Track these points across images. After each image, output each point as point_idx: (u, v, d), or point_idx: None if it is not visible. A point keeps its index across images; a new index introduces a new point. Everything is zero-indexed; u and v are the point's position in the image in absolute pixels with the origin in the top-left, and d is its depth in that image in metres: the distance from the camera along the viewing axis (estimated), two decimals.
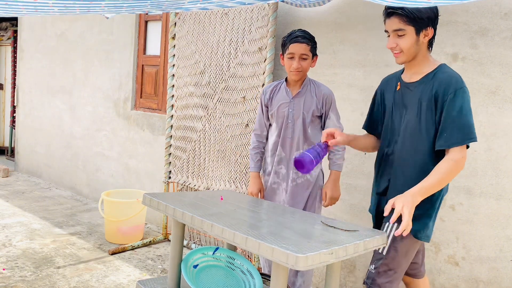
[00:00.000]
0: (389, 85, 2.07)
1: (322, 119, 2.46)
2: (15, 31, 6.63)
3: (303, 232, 1.66)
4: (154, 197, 1.98)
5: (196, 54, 3.54)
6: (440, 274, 2.54)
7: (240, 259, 2.01)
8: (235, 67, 3.25)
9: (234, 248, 2.15)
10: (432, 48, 1.93)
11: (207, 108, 3.47)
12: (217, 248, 2.05)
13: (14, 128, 6.73)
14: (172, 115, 3.75)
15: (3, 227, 3.88)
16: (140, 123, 4.40)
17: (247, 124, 3.18)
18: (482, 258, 2.41)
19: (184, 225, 1.98)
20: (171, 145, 3.77)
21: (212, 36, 3.42)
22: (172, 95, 3.74)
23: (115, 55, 4.66)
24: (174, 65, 3.72)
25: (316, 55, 2.43)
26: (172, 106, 3.75)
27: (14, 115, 6.66)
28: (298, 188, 2.44)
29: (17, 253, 3.35)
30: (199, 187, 3.55)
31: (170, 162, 3.78)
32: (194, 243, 3.63)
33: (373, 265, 1.92)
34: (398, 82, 2.00)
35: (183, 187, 3.71)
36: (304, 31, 2.38)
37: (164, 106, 4.21)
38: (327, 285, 1.68)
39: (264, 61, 3.07)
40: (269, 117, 2.52)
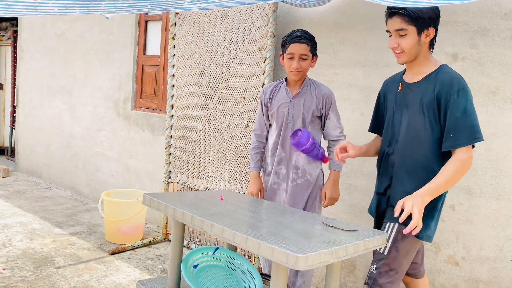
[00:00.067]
0: (391, 86, 2.08)
1: (322, 119, 2.46)
2: (15, 31, 6.63)
3: (303, 232, 1.66)
4: (154, 197, 1.98)
5: (196, 54, 3.54)
6: (440, 274, 2.54)
7: (240, 259, 2.01)
8: (235, 67, 3.25)
9: (234, 248, 2.15)
10: (433, 49, 1.93)
11: (207, 108, 3.47)
12: (217, 248, 2.05)
13: (14, 128, 6.73)
14: (172, 115, 3.75)
15: (3, 227, 3.88)
16: (140, 123, 4.40)
17: (247, 124, 3.18)
18: (482, 258, 2.41)
19: (184, 225, 1.98)
20: (171, 145, 3.77)
21: (212, 36, 3.42)
22: (172, 95, 3.74)
23: (115, 55, 4.66)
24: (174, 65, 3.72)
25: (316, 55, 2.42)
26: (172, 106, 3.74)
27: (14, 115, 6.66)
28: (298, 188, 2.44)
29: (17, 253, 3.35)
30: (199, 187, 3.55)
31: (170, 162, 3.78)
32: (194, 243, 3.63)
33: (374, 265, 1.92)
34: (400, 82, 2.00)
35: (183, 187, 3.71)
36: (304, 31, 2.37)
37: (164, 106, 4.21)
38: (327, 285, 1.68)
39: (264, 61, 3.07)
40: (269, 117, 2.53)
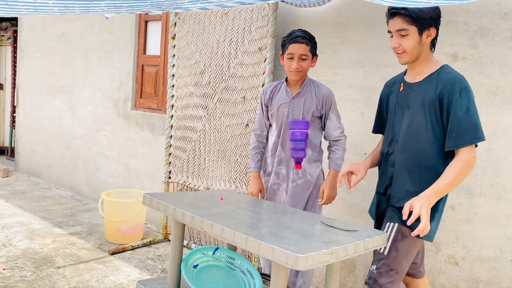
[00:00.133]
0: (392, 87, 2.08)
1: (322, 119, 2.46)
2: (15, 31, 6.63)
3: (303, 232, 1.66)
4: (154, 197, 1.98)
5: (196, 54, 3.54)
6: (440, 274, 2.54)
7: (240, 259, 2.01)
8: (235, 67, 3.25)
9: (234, 248, 2.15)
10: (434, 49, 1.94)
11: (207, 108, 3.47)
12: (217, 248, 2.05)
13: (14, 128, 6.73)
14: (172, 115, 3.75)
15: (3, 227, 3.88)
16: (140, 123, 4.40)
17: (247, 124, 3.18)
18: (482, 258, 2.41)
19: (184, 225, 1.98)
20: (171, 145, 3.77)
21: (212, 36, 3.42)
22: (172, 95, 3.74)
23: (115, 55, 4.66)
24: (174, 65, 3.72)
25: (316, 55, 2.42)
26: (172, 106, 3.74)
27: (14, 115, 6.66)
28: (298, 188, 2.44)
29: (17, 253, 3.35)
30: (199, 187, 3.55)
31: (170, 162, 3.78)
32: (194, 243, 3.63)
33: (374, 265, 1.92)
34: (401, 83, 2.01)
35: (183, 187, 3.71)
36: (304, 31, 2.37)
37: (164, 106, 4.20)
38: (327, 285, 1.68)
39: (264, 61, 3.07)
40: (269, 117, 2.52)
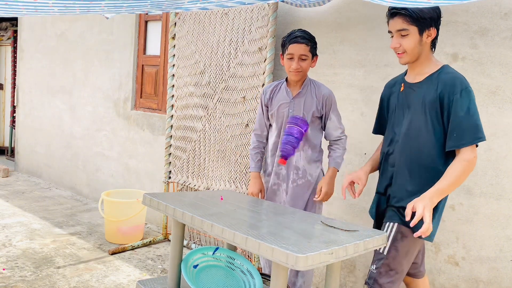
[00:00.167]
0: (393, 87, 2.08)
1: (322, 120, 2.45)
2: (15, 31, 6.63)
3: (303, 232, 1.66)
4: (154, 197, 1.98)
5: (196, 54, 3.54)
6: (440, 274, 2.54)
7: (240, 259, 2.01)
8: (235, 67, 3.25)
9: (234, 248, 2.15)
10: (435, 49, 1.94)
11: (207, 108, 3.47)
12: (217, 248, 2.05)
13: (14, 128, 6.73)
14: (172, 115, 3.75)
15: (3, 227, 3.88)
16: (140, 123, 4.40)
17: (247, 124, 3.18)
18: (482, 258, 2.41)
19: (184, 225, 1.98)
20: (171, 145, 3.77)
21: (212, 36, 3.42)
22: (172, 95, 3.74)
23: (115, 55, 4.66)
24: (174, 65, 3.72)
25: (316, 55, 2.41)
26: (172, 106, 3.74)
27: (14, 115, 6.66)
28: (298, 189, 2.44)
29: (17, 253, 3.35)
30: (199, 187, 3.55)
31: (170, 162, 3.78)
32: (194, 243, 3.63)
33: (374, 265, 1.92)
34: (402, 83, 2.01)
35: (183, 187, 3.71)
36: (303, 31, 2.36)
37: (164, 106, 4.20)
38: (327, 285, 1.68)
39: (264, 61, 3.07)
40: (269, 117, 2.52)
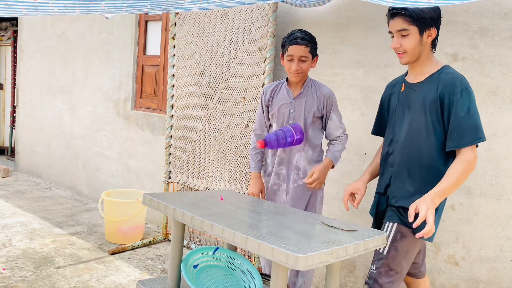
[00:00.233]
0: (394, 88, 2.08)
1: (323, 120, 2.45)
2: (15, 31, 6.62)
3: (303, 232, 1.66)
4: (154, 197, 1.98)
5: (196, 54, 3.54)
6: (440, 274, 2.54)
7: (240, 259, 2.01)
8: (235, 67, 3.25)
9: (234, 248, 2.15)
10: (435, 49, 1.94)
11: (207, 108, 3.46)
12: (217, 248, 2.05)
13: (14, 128, 6.73)
14: (172, 115, 3.75)
15: (3, 227, 3.88)
16: (140, 123, 4.40)
17: (247, 124, 3.18)
18: (482, 258, 2.41)
19: (184, 225, 1.98)
20: (171, 145, 3.77)
21: (212, 36, 3.42)
22: (172, 95, 3.74)
23: (115, 55, 4.66)
24: (174, 65, 3.72)
25: (317, 55, 2.40)
26: (172, 106, 3.74)
27: (14, 115, 6.66)
28: (299, 189, 2.43)
29: (17, 253, 3.35)
30: (199, 187, 3.55)
31: (170, 162, 3.78)
32: (194, 243, 3.63)
33: (374, 265, 1.92)
34: (403, 83, 2.01)
35: (183, 187, 3.71)
36: (303, 31, 2.35)
37: (164, 106, 4.20)
38: (327, 285, 1.68)
39: (264, 61, 3.07)
40: (269, 117, 2.52)
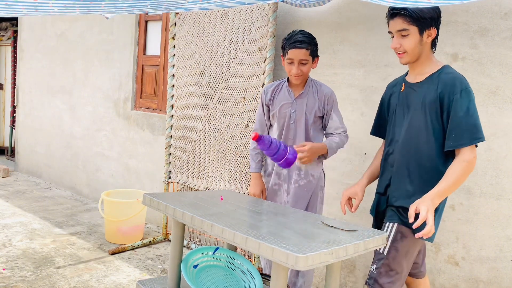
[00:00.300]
0: (394, 88, 2.09)
1: (323, 119, 2.45)
2: (15, 31, 6.62)
3: (303, 232, 1.66)
4: (154, 197, 1.98)
5: (196, 54, 3.54)
6: (440, 274, 2.54)
7: (240, 259, 2.01)
8: (235, 67, 3.25)
9: (234, 248, 2.15)
10: (435, 49, 1.94)
11: (207, 108, 3.46)
12: (217, 248, 2.05)
13: (14, 128, 6.73)
14: (172, 115, 3.75)
15: (3, 227, 3.88)
16: (140, 123, 4.40)
17: (247, 124, 3.18)
18: (482, 258, 2.41)
19: (184, 225, 1.98)
20: (171, 145, 3.77)
21: (212, 36, 3.42)
22: (172, 95, 3.74)
23: (115, 55, 4.66)
24: (174, 65, 3.72)
25: (317, 56, 2.37)
26: (172, 106, 3.74)
27: (14, 115, 6.66)
28: (300, 189, 2.43)
29: (17, 253, 3.35)
30: (199, 187, 3.55)
31: (170, 162, 3.78)
32: (194, 243, 3.63)
33: (374, 265, 1.92)
34: (403, 83, 2.01)
35: (183, 187, 3.71)
36: (303, 34, 2.31)
37: (164, 106, 4.20)
38: (327, 285, 1.68)
39: (264, 61, 3.07)
40: (270, 117, 2.51)
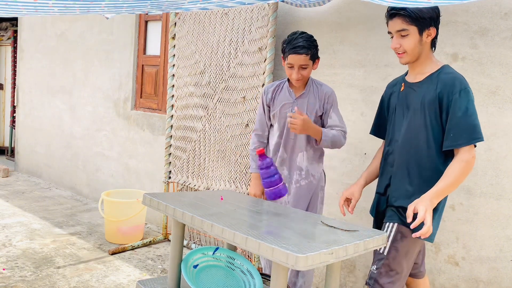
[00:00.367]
0: (394, 87, 2.09)
1: (323, 118, 2.44)
2: (15, 31, 6.62)
3: (303, 232, 1.66)
4: (154, 197, 1.98)
5: (196, 54, 3.54)
6: (440, 274, 2.54)
7: (240, 259, 2.01)
8: (235, 67, 3.25)
9: (234, 248, 2.15)
10: (435, 49, 1.94)
11: (207, 108, 3.47)
12: (217, 248, 2.05)
13: (14, 128, 6.73)
14: (172, 115, 3.75)
15: (3, 227, 3.88)
16: (140, 123, 4.40)
17: (247, 124, 3.18)
18: (482, 258, 2.41)
19: (184, 225, 1.98)
20: (171, 145, 3.77)
21: (212, 36, 3.42)
22: (172, 95, 3.74)
23: (115, 55, 4.66)
24: (174, 65, 3.72)
25: (318, 58, 2.36)
26: (172, 106, 3.74)
27: (14, 115, 6.66)
28: (301, 189, 2.43)
29: (17, 253, 3.35)
30: (199, 187, 3.55)
31: (170, 162, 3.78)
32: (194, 243, 3.63)
33: (374, 265, 1.92)
34: (403, 83, 2.01)
35: (183, 187, 3.71)
36: (304, 38, 2.27)
37: (164, 106, 4.20)
38: (327, 285, 1.68)
39: (264, 61, 3.07)
40: (270, 117, 2.51)
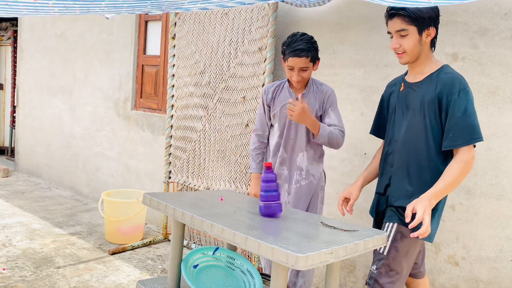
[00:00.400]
0: (394, 88, 2.08)
1: (322, 117, 2.44)
2: (15, 31, 6.63)
3: (303, 232, 1.66)
4: (154, 197, 1.98)
5: (196, 54, 3.54)
6: (440, 274, 2.54)
7: (240, 259, 2.01)
8: (235, 67, 3.25)
9: (234, 248, 2.15)
10: (435, 49, 1.94)
11: (207, 108, 3.47)
12: (217, 248, 2.05)
13: (14, 128, 6.73)
14: (172, 115, 3.75)
15: (3, 227, 3.88)
16: (140, 123, 4.40)
17: (247, 124, 3.18)
18: (482, 258, 2.41)
19: (184, 225, 1.98)
20: (171, 145, 3.77)
21: (212, 36, 3.42)
22: (172, 95, 3.74)
23: (115, 55, 4.66)
24: (174, 65, 3.72)
25: (318, 59, 2.36)
26: (172, 106, 3.74)
27: (14, 115, 6.66)
28: (302, 190, 2.43)
29: (17, 253, 3.35)
30: (199, 187, 3.55)
31: (170, 162, 3.78)
32: (194, 243, 3.63)
33: (374, 265, 1.92)
34: (402, 83, 2.01)
35: (183, 187, 3.71)
36: (304, 40, 2.27)
37: (164, 106, 4.20)
38: (327, 285, 1.68)
39: (264, 61, 3.07)
40: (270, 117, 2.51)
